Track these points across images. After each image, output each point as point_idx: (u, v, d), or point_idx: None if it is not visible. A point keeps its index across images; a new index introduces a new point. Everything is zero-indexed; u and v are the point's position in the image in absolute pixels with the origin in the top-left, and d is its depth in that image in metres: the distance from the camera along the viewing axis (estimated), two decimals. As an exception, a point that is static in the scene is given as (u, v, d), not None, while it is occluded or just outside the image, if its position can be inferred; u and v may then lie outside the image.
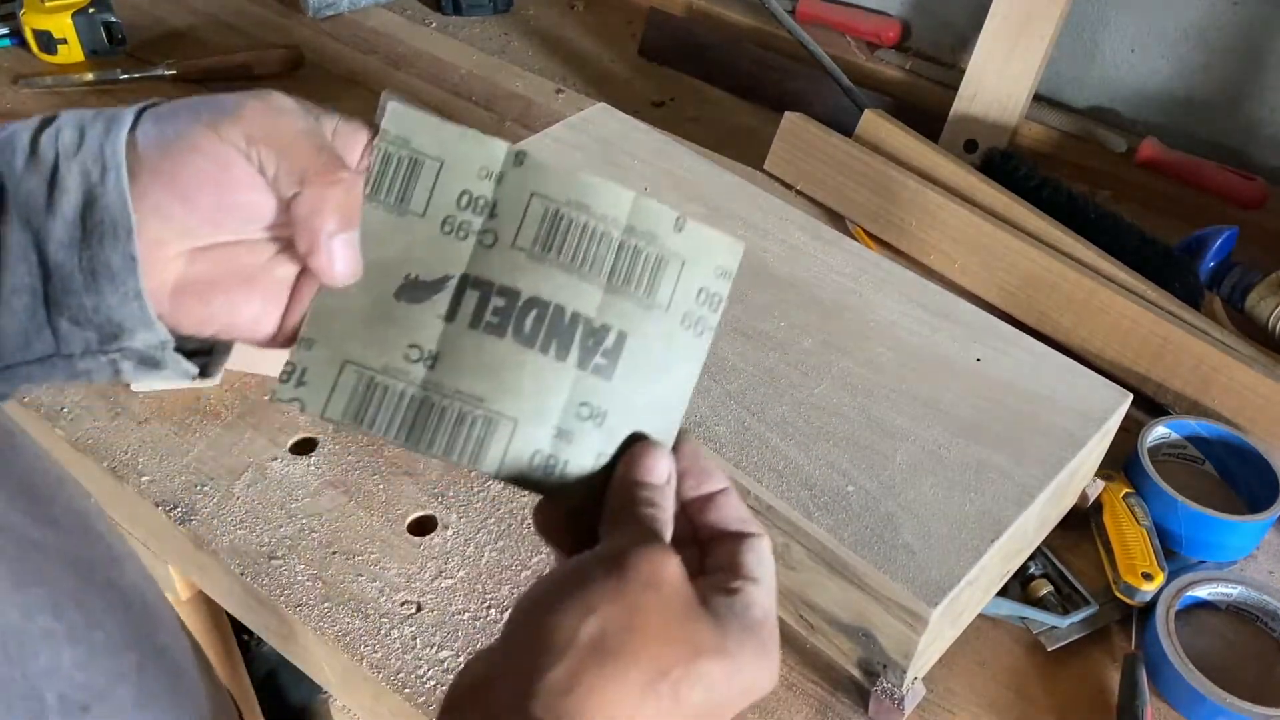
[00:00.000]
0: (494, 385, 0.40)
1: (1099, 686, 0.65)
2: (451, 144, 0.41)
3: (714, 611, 0.37)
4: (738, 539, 0.41)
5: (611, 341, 0.41)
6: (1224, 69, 1.03)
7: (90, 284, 0.38)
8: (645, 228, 0.41)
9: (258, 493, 0.73)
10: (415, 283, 0.41)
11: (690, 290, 0.41)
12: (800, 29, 1.05)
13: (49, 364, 0.40)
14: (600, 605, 0.36)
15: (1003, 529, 0.57)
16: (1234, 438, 0.75)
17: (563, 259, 0.41)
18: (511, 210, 0.41)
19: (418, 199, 0.41)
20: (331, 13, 1.25)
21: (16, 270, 0.38)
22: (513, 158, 0.41)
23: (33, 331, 0.39)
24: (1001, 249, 0.88)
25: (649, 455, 0.41)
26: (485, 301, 0.41)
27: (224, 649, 1.01)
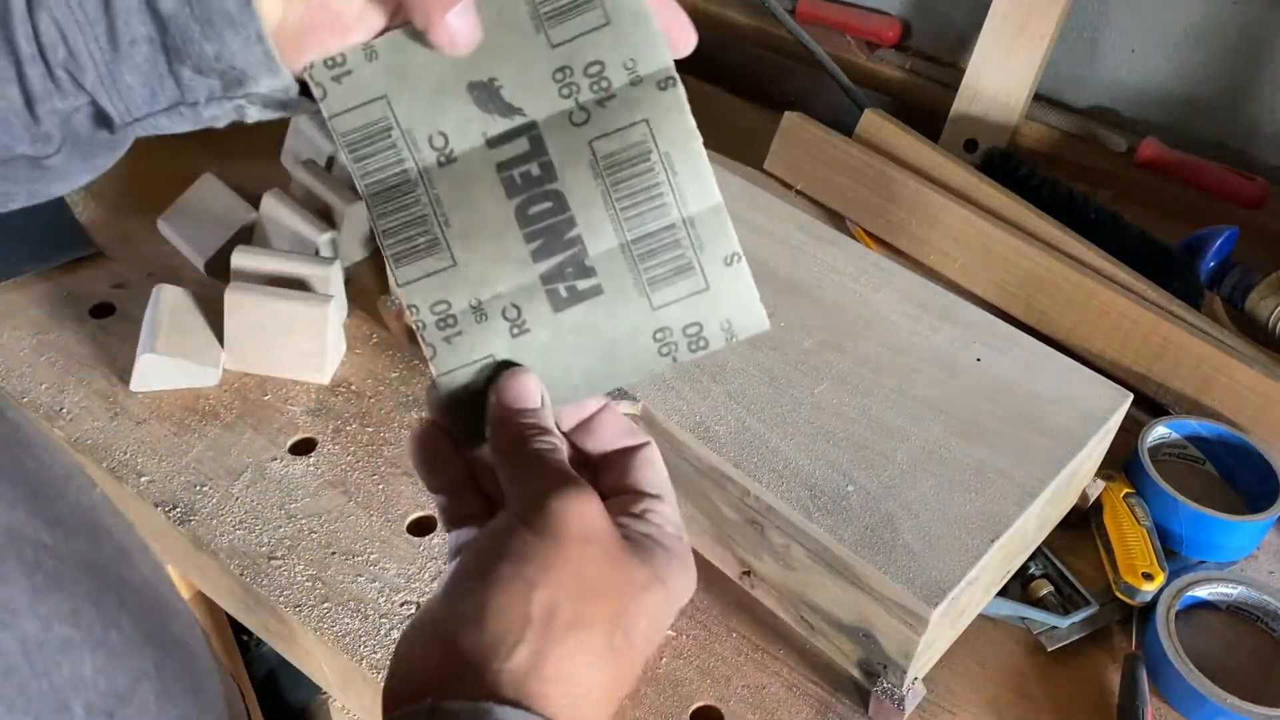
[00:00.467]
0: (465, 225, 0.40)
1: (1099, 687, 0.65)
2: (629, 17, 0.39)
3: (637, 544, 0.38)
4: (628, 455, 0.42)
5: (585, 287, 0.40)
6: (1224, 69, 1.03)
7: (208, 31, 0.38)
8: (704, 234, 0.41)
9: (257, 493, 0.73)
10: (493, 92, 0.39)
11: (687, 318, 0.41)
12: (800, 29, 1.05)
13: (175, 112, 0.40)
14: (543, 575, 0.36)
15: (1003, 529, 0.57)
16: (1234, 438, 0.75)
17: (614, 194, 0.39)
18: (619, 115, 0.39)
19: (561, 32, 0.38)
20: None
21: (130, 21, 0.38)
22: (662, 78, 0.39)
23: (156, 83, 0.39)
24: (1001, 249, 0.88)
25: (518, 380, 0.40)
26: (525, 159, 0.39)
27: (223, 649, 1.01)
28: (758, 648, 0.65)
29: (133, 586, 0.37)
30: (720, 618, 0.67)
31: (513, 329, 0.40)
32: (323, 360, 0.80)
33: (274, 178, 0.94)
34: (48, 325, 0.85)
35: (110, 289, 0.88)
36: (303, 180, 0.91)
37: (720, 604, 0.67)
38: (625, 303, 0.40)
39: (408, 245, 0.40)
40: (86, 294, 0.88)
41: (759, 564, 0.63)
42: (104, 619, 0.33)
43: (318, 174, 0.91)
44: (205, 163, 0.96)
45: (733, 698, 0.63)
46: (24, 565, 0.32)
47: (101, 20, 0.38)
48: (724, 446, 0.61)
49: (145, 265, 0.91)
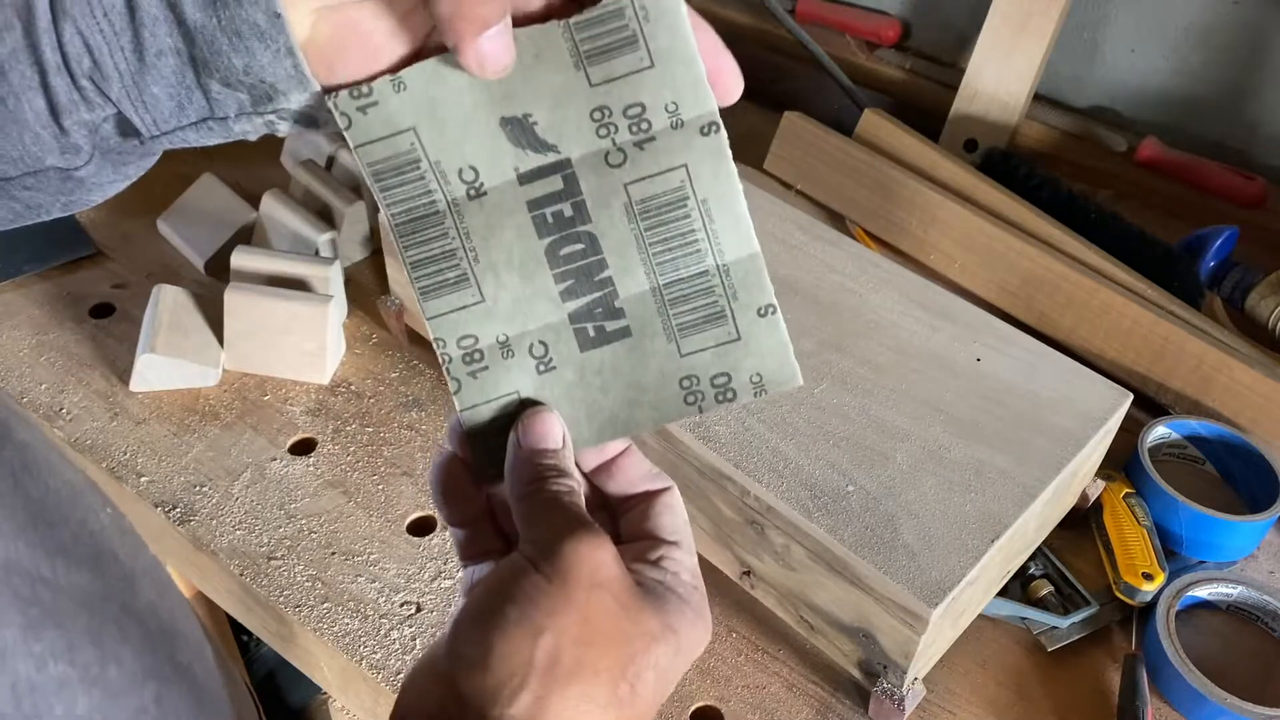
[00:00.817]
0: (495, 261, 0.39)
1: (1099, 687, 0.65)
2: (675, 58, 0.37)
3: (650, 591, 0.38)
4: (649, 499, 0.41)
5: (614, 328, 0.40)
6: (1224, 69, 1.03)
7: (237, 44, 0.37)
8: (739, 282, 0.39)
9: (257, 493, 0.73)
10: (527, 127, 0.38)
11: (716, 368, 0.40)
12: (800, 28, 1.05)
13: (204, 126, 0.39)
14: (550, 620, 0.35)
15: (1003, 529, 0.57)
16: (1234, 438, 0.75)
17: (648, 238, 0.39)
18: (658, 160, 0.38)
19: (602, 72, 0.37)
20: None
21: (157, 32, 0.37)
22: (705, 124, 0.38)
23: (184, 96, 0.38)
24: (1001, 249, 0.88)
25: (540, 419, 0.40)
26: (558, 198, 0.39)
27: (223, 650, 1.01)
28: (758, 648, 0.65)
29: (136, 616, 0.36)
30: (720, 618, 0.67)
31: (539, 366, 0.40)
32: (322, 360, 0.80)
33: (274, 178, 0.94)
34: (47, 325, 0.85)
35: (110, 289, 0.88)
36: (302, 180, 0.91)
37: (720, 604, 0.67)
38: (653, 347, 0.40)
39: (436, 279, 0.39)
40: (86, 294, 0.88)
41: (759, 564, 0.63)
42: (102, 655, 0.33)
43: (317, 174, 0.91)
44: (205, 163, 0.96)
45: (733, 698, 0.63)
46: (19, 601, 0.31)
47: (127, 30, 0.37)
48: (724, 446, 0.61)
49: (145, 265, 0.91)
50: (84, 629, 0.32)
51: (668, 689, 0.38)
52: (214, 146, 0.42)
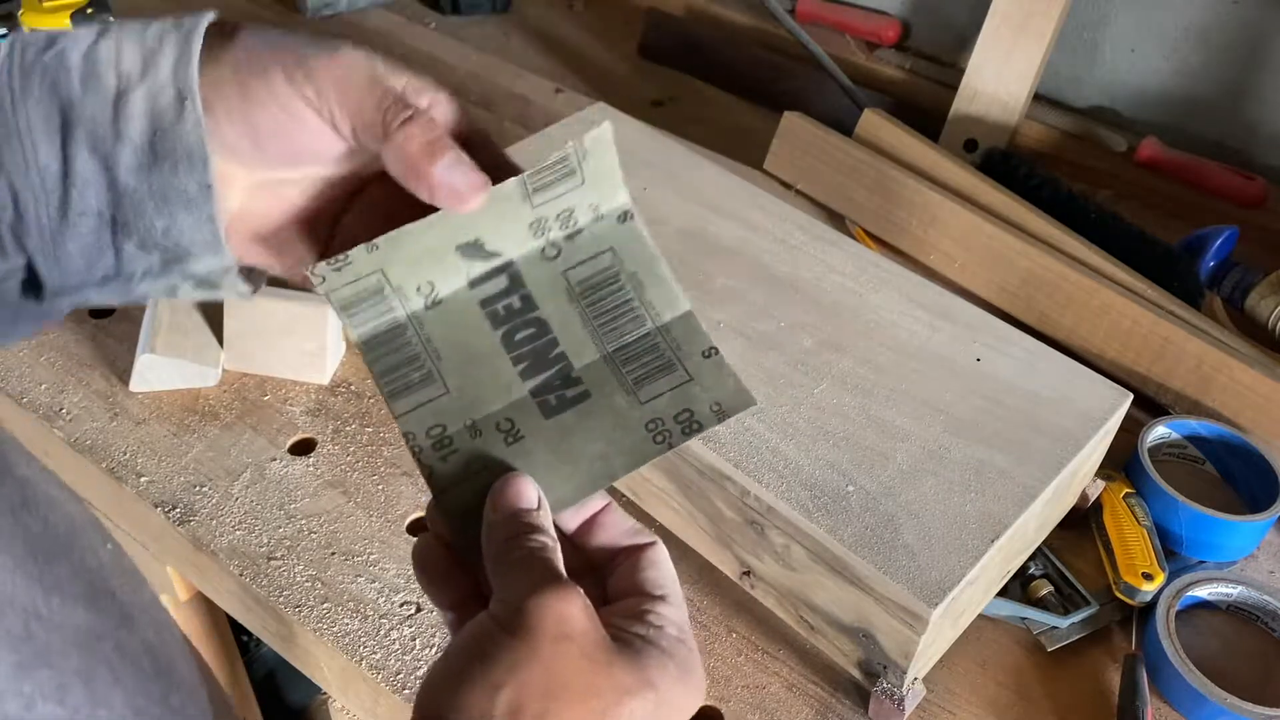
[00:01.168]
0: (456, 357, 0.42)
1: (1099, 687, 0.65)
2: (601, 176, 0.43)
3: (629, 645, 0.36)
4: (633, 554, 0.41)
5: (573, 394, 0.42)
6: (1224, 69, 1.03)
7: (162, 207, 0.38)
8: (679, 337, 0.43)
9: (256, 493, 0.73)
10: (478, 246, 0.42)
11: (677, 407, 0.42)
12: (800, 28, 1.05)
13: (107, 287, 0.40)
14: (511, 675, 0.34)
15: (1003, 529, 0.57)
16: (1234, 438, 0.75)
17: (591, 313, 0.43)
18: (587, 247, 0.43)
19: (543, 196, 0.42)
20: (330, 13, 1.25)
21: (86, 194, 0.38)
22: (620, 213, 0.44)
23: (96, 254, 0.39)
24: (1001, 249, 0.88)
25: (510, 483, 0.40)
26: (506, 294, 0.43)
27: (223, 650, 1.01)
28: (758, 648, 0.65)
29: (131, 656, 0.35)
30: (720, 618, 0.67)
31: (507, 439, 0.41)
32: (322, 360, 0.80)
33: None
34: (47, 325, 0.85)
35: (110, 289, 0.88)
36: (302, 180, 0.91)
37: (720, 604, 0.67)
38: (613, 403, 0.42)
39: (402, 381, 0.42)
40: (86, 294, 0.88)
41: (759, 564, 0.63)
42: (92, 697, 0.32)
43: (317, 174, 0.91)
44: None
45: (733, 698, 0.63)
46: (11, 639, 0.31)
47: (58, 189, 0.38)
48: (724, 447, 0.61)
49: (145, 265, 0.91)
50: (76, 669, 0.32)
51: None
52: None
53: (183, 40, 0.38)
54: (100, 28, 0.39)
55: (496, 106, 1.12)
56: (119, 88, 0.38)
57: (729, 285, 0.71)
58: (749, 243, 0.74)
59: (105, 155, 0.38)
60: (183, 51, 0.38)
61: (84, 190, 0.38)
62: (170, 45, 0.38)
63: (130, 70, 0.38)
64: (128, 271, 0.40)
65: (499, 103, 1.12)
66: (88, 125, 0.38)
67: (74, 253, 0.39)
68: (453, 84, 1.14)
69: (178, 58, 0.38)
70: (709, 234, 0.75)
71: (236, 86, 0.38)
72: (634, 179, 0.84)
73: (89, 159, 0.38)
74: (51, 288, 0.40)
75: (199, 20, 0.39)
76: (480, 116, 1.10)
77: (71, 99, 0.38)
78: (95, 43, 0.38)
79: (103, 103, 0.38)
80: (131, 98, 0.38)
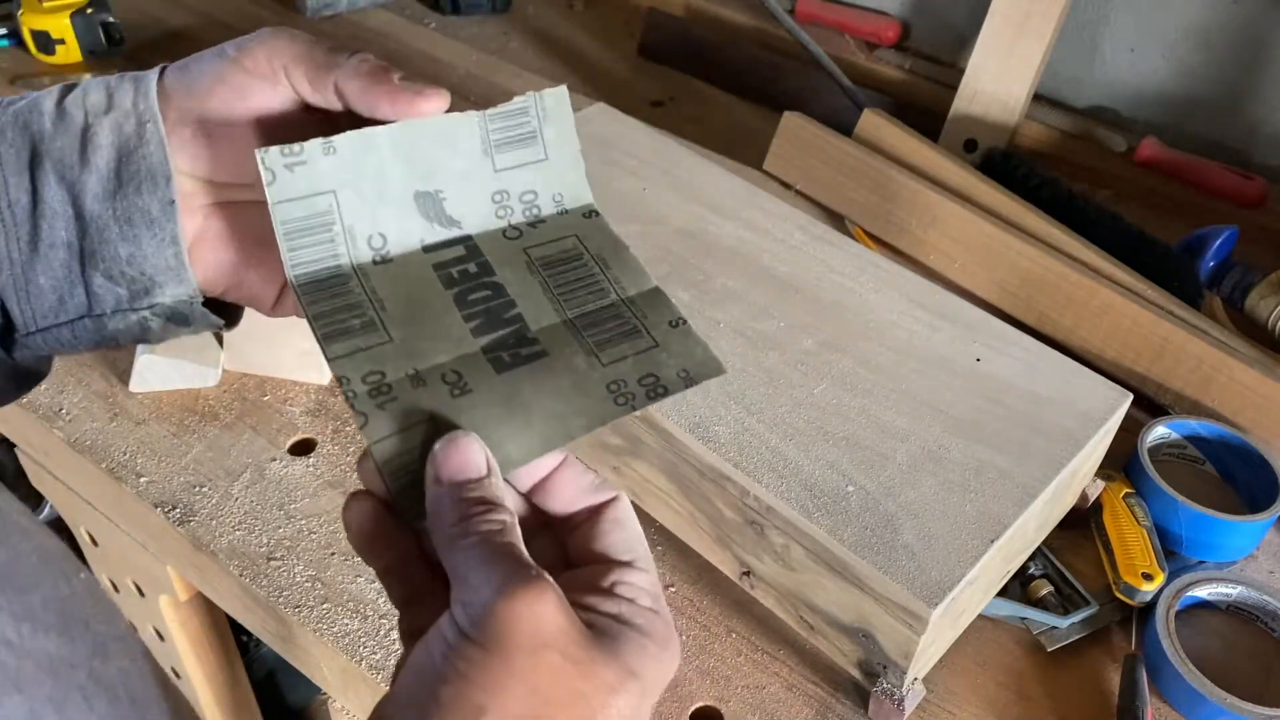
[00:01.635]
0: (402, 308, 0.40)
1: (1099, 687, 0.65)
2: (563, 157, 0.42)
3: (604, 633, 0.34)
4: (595, 515, 0.38)
5: (529, 352, 0.40)
6: (1224, 69, 1.03)
7: (126, 231, 0.40)
8: (645, 308, 0.42)
9: (256, 494, 0.73)
10: (437, 202, 0.41)
11: (642, 371, 0.40)
12: (799, 28, 1.05)
13: (80, 325, 0.41)
14: (491, 699, 0.32)
15: (1003, 529, 0.57)
16: (1234, 438, 0.75)
17: (552, 284, 0.42)
18: (549, 235, 0.43)
19: (505, 159, 0.42)
20: (330, 13, 1.25)
21: (55, 225, 0.39)
22: (586, 210, 0.44)
23: (67, 290, 0.40)
24: (1001, 249, 0.88)
25: (457, 447, 0.36)
26: (462, 260, 0.41)
27: (223, 650, 1.01)
28: (758, 648, 0.65)
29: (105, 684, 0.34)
30: (720, 618, 0.67)
31: (453, 390, 0.38)
32: (322, 360, 0.80)
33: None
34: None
35: (109, 289, 0.88)
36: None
37: (720, 604, 0.67)
38: (573, 363, 0.40)
39: (339, 326, 0.39)
40: (86, 294, 0.87)
41: (759, 564, 0.62)
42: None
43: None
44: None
45: (733, 698, 0.63)
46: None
47: (28, 222, 0.39)
48: (724, 447, 0.61)
49: (144, 266, 0.91)
50: (47, 696, 0.31)
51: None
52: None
53: (140, 77, 0.41)
54: (69, 83, 0.43)
55: (496, 106, 1.12)
56: (86, 121, 0.40)
57: (729, 285, 0.71)
58: (749, 243, 0.74)
59: (72, 184, 0.40)
60: (140, 85, 0.41)
61: (53, 221, 0.39)
62: (129, 82, 0.41)
63: (96, 105, 0.41)
64: (98, 308, 0.41)
65: (498, 102, 1.12)
66: (56, 157, 0.40)
67: (45, 288, 0.40)
68: (452, 84, 1.14)
69: (136, 89, 0.41)
70: (709, 234, 0.75)
71: (183, 88, 0.41)
72: (634, 179, 0.84)
73: (57, 189, 0.39)
74: (23, 328, 0.40)
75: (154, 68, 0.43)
76: (480, 116, 1.10)
77: (42, 135, 0.40)
78: (65, 92, 0.42)
79: (71, 136, 0.40)
80: (98, 129, 0.40)
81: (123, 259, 0.40)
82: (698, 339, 0.41)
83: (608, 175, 0.79)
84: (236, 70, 0.40)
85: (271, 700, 1.34)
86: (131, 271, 0.40)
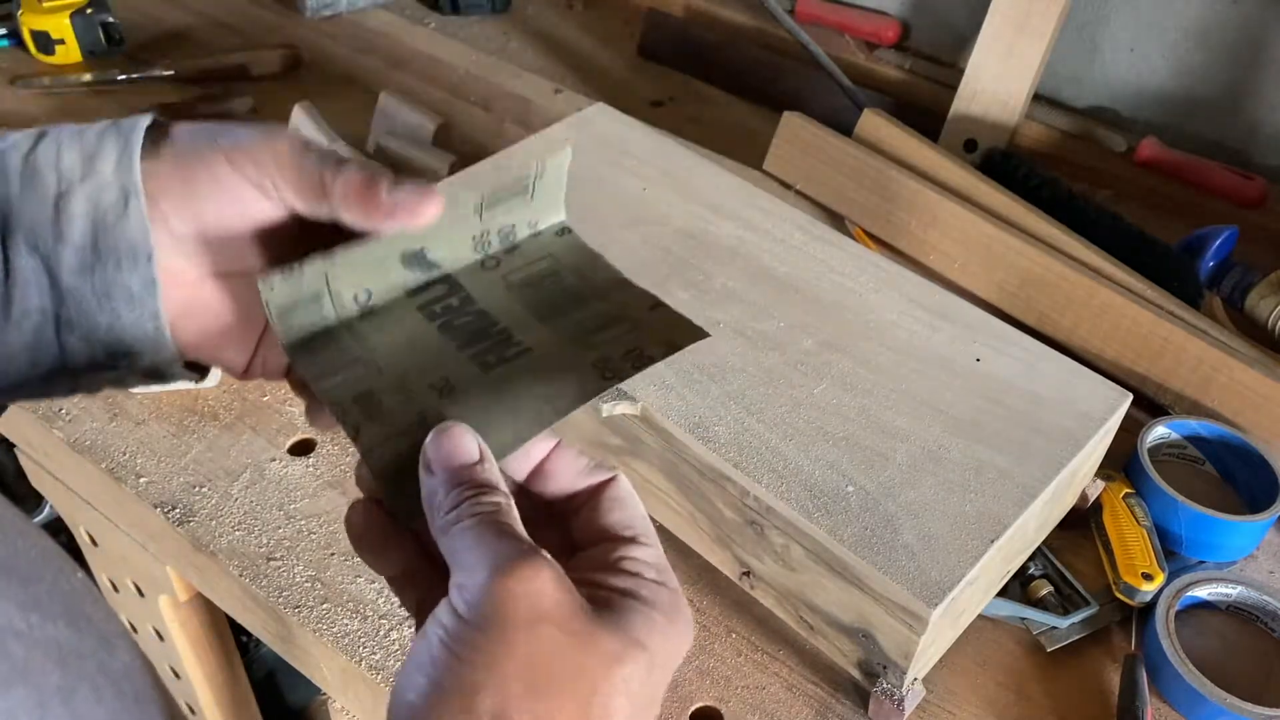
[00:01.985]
0: (389, 349, 0.40)
1: (1099, 687, 0.65)
2: (548, 197, 0.43)
3: (608, 605, 0.34)
4: (595, 494, 0.38)
5: (514, 352, 0.41)
6: (1224, 69, 1.03)
7: (104, 304, 0.39)
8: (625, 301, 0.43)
9: (256, 494, 0.73)
10: (421, 256, 0.42)
11: (625, 347, 0.41)
12: (799, 29, 1.04)
13: (52, 380, 0.40)
14: (488, 675, 0.31)
15: (1003, 529, 0.57)
16: (1234, 438, 0.75)
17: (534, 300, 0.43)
18: (525, 258, 0.44)
19: (492, 213, 0.43)
20: (329, 13, 1.25)
21: (28, 294, 0.38)
22: (558, 229, 0.45)
23: (40, 349, 0.39)
24: (1001, 249, 0.87)
25: (448, 436, 0.36)
26: (444, 297, 0.42)
27: (223, 650, 1.01)
28: (758, 648, 0.65)
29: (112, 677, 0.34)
30: (720, 618, 0.67)
31: (440, 393, 0.39)
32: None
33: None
34: None
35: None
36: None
37: (720, 604, 0.67)
38: (559, 352, 0.41)
39: (330, 367, 0.40)
40: (85, 294, 0.87)
41: (759, 564, 0.62)
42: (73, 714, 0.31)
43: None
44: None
45: (733, 698, 0.63)
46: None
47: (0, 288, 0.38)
48: (724, 447, 0.61)
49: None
50: (55, 687, 0.30)
51: (651, 706, 0.34)
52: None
53: (123, 140, 0.39)
54: (39, 131, 0.40)
55: (495, 106, 1.12)
56: (59, 188, 0.38)
57: (729, 285, 0.71)
58: (749, 243, 0.74)
59: (46, 255, 0.38)
60: (124, 151, 0.39)
61: (25, 290, 0.38)
62: (111, 145, 0.39)
63: (70, 170, 0.38)
64: (72, 366, 0.40)
65: (498, 102, 1.12)
66: (27, 225, 0.38)
67: (16, 347, 0.39)
68: (452, 84, 1.14)
69: (119, 156, 0.39)
70: (709, 234, 0.75)
71: (180, 180, 0.39)
72: (634, 179, 0.84)
73: (29, 258, 0.38)
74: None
75: (137, 121, 0.40)
76: (479, 116, 1.10)
77: (9, 198, 0.38)
78: (34, 146, 0.39)
79: (42, 203, 0.38)
80: (72, 198, 0.38)
81: (101, 327, 0.39)
82: (677, 313, 0.42)
83: (608, 175, 0.79)
84: (233, 177, 0.39)
85: (271, 700, 1.34)
86: (109, 338, 0.39)
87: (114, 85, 1.10)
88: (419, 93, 1.12)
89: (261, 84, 1.11)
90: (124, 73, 1.10)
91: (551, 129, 0.83)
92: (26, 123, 1.06)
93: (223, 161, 0.39)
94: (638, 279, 0.44)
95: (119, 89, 1.10)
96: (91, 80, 1.10)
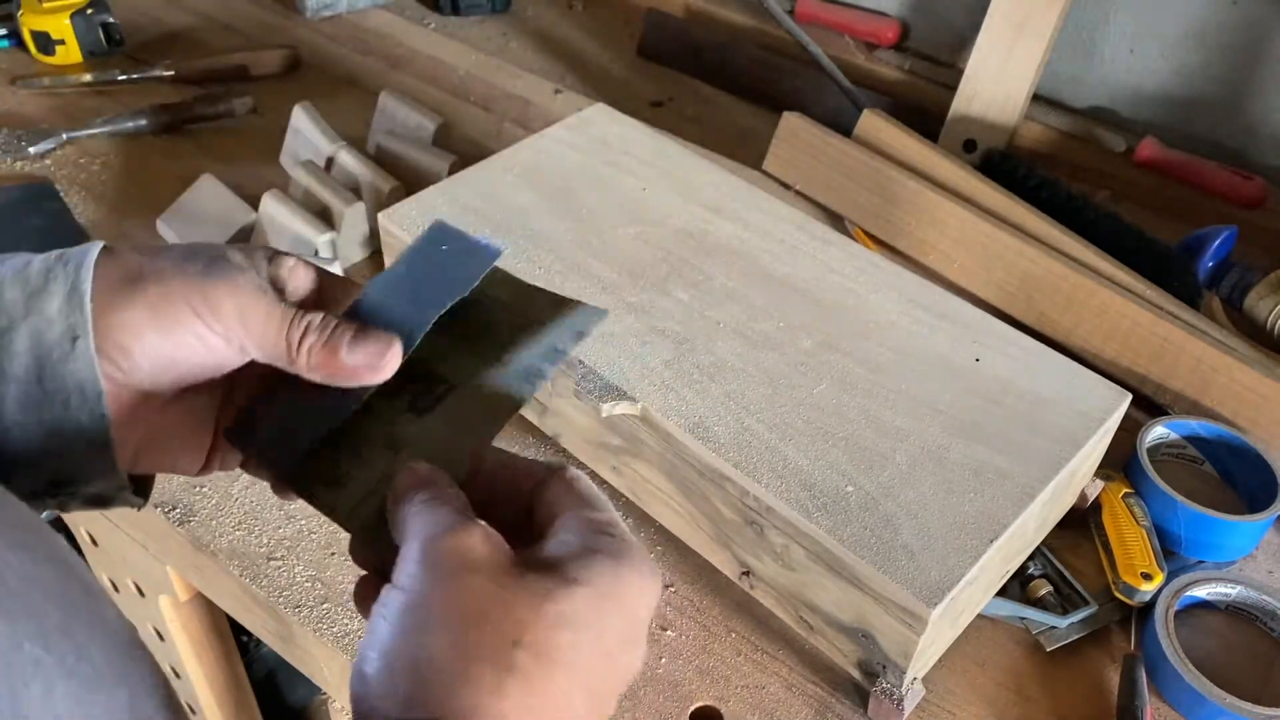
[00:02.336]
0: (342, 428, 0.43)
1: (1098, 687, 0.65)
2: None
3: (540, 555, 0.35)
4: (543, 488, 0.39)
5: (440, 390, 0.44)
6: (1224, 69, 1.03)
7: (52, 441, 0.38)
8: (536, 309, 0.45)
9: (256, 494, 0.73)
10: None
11: (543, 349, 0.44)
12: (799, 29, 1.05)
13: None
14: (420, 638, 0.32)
15: (1002, 529, 0.57)
16: (1233, 438, 0.75)
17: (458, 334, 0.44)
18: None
19: None
20: (329, 13, 1.25)
21: None
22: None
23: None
24: (1001, 249, 0.88)
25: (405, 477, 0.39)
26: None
27: (223, 650, 1.01)
28: (757, 648, 0.65)
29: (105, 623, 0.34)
30: (720, 618, 0.67)
31: (394, 449, 0.43)
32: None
33: (273, 178, 0.94)
34: None
35: (109, 289, 0.88)
36: (302, 181, 0.91)
37: (720, 604, 0.67)
38: (481, 379, 0.44)
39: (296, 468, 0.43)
40: (86, 295, 0.87)
41: (758, 564, 0.63)
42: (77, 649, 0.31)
43: (317, 175, 0.91)
44: (204, 164, 0.96)
45: (732, 698, 0.63)
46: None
47: None
48: (723, 447, 0.61)
49: (144, 266, 0.91)
50: (56, 625, 0.31)
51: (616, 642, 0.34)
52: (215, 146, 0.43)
53: (71, 276, 0.38)
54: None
55: (495, 107, 1.12)
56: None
57: (729, 285, 0.71)
58: (749, 243, 0.74)
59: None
60: (73, 288, 0.38)
61: None
62: (58, 282, 0.38)
63: (12, 308, 0.38)
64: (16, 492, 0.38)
65: (498, 103, 1.12)
66: None
67: None
68: (452, 84, 1.15)
69: (68, 294, 0.38)
70: (709, 234, 0.75)
71: (155, 330, 0.39)
72: (634, 179, 0.84)
73: None
74: None
75: (87, 253, 0.39)
76: (479, 116, 1.10)
77: None
78: None
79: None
80: (14, 335, 0.38)
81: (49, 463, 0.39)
82: (574, 301, 0.45)
83: (608, 175, 0.79)
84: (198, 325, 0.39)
85: (271, 700, 1.34)
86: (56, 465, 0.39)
87: (114, 85, 1.10)
88: (419, 93, 1.12)
89: (261, 84, 1.11)
90: (124, 73, 1.11)
91: (551, 129, 0.83)
92: (27, 123, 1.06)
93: (190, 315, 0.39)
94: (638, 279, 0.45)
95: (119, 89, 1.10)
96: (91, 81, 1.10)
